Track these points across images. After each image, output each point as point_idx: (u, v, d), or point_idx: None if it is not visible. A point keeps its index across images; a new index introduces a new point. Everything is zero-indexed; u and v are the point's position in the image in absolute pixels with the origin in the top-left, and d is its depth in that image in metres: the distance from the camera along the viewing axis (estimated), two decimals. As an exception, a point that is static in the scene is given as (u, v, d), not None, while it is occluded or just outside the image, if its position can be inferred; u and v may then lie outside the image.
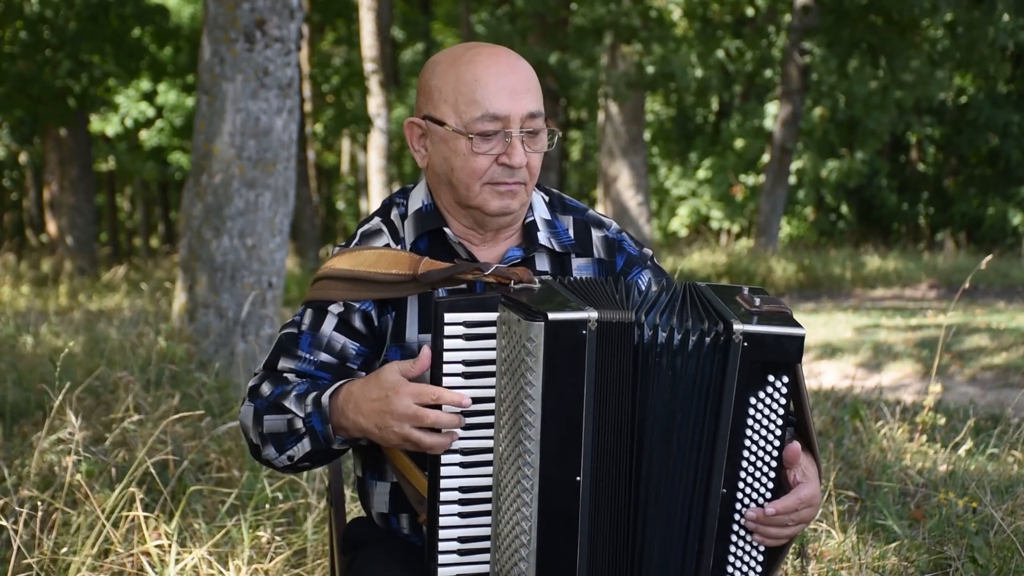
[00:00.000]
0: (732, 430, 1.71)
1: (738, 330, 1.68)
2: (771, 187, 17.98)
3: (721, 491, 1.73)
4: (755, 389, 1.71)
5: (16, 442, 4.26)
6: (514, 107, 1.88)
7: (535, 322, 1.65)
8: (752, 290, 1.81)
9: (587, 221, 2.08)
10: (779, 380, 1.71)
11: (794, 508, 1.76)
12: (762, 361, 1.70)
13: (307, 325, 1.96)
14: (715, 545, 1.75)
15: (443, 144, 1.92)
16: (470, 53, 1.92)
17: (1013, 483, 4.03)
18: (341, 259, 1.97)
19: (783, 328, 1.70)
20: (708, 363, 1.71)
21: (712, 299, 1.78)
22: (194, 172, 6.15)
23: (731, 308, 1.74)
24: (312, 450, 1.86)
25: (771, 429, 1.73)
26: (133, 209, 34.24)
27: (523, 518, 1.71)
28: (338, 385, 1.84)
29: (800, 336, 1.71)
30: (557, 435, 1.69)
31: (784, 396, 1.72)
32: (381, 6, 18.78)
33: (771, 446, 1.74)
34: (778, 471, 1.75)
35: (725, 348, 1.70)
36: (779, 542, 1.79)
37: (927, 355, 8.57)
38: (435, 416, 1.71)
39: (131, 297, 9.89)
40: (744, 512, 1.75)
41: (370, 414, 1.76)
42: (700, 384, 1.72)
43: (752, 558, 1.78)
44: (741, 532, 1.77)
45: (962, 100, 24.68)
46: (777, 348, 1.70)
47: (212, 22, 6.00)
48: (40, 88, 14.68)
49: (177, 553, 3.09)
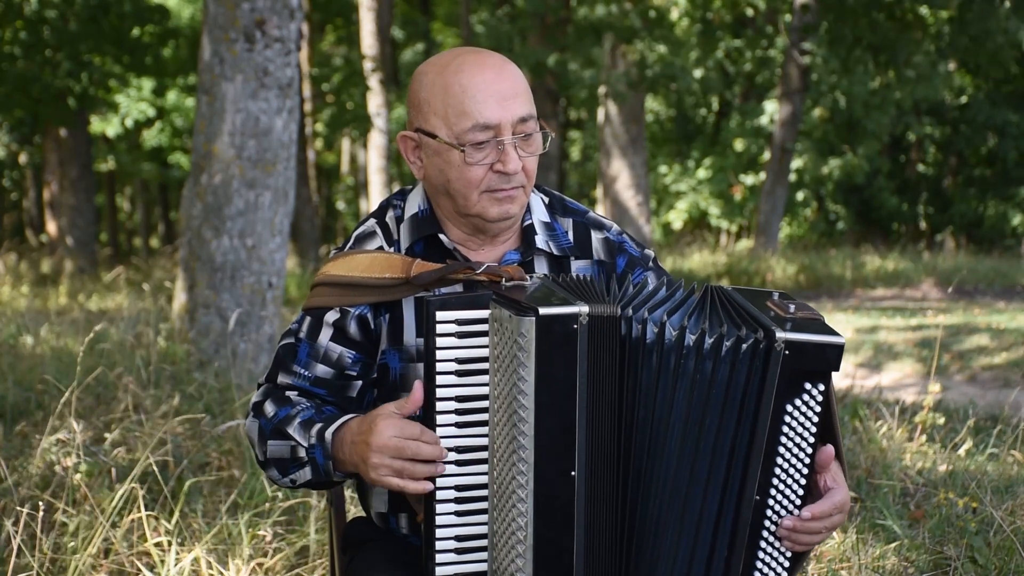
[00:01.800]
0: (768, 437, 1.71)
1: (780, 338, 1.68)
2: (771, 187, 17.98)
3: (755, 498, 1.73)
4: (792, 397, 1.70)
5: (16, 442, 4.26)
6: (504, 114, 1.86)
7: (526, 317, 1.66)
8: (782, 295, 1.80)
9: (587, 223, 2.07)
10: (815, 388, 1.71)
11: (829, 513, 1.76)
12: (802, 370, 1.69)
13: (304, 334, 1.98)
14: (745, 552, 1.75)
15: (437, 156, 1.92)
16: (456, 62, 1.90)
17: (1013, 483, 4.03)
18: (335, 264, 1.98)
19: (824, 337, 1.70)
20: (744, 369, 1.70)
21: (743, 304, 1.78)
22: (194, 172, 6.15)
23: (765, 314, 1.73)
24: (312, 479, 1.90)
25: (804, 437, 1.73)
26: (133, 209, 34.23)
27: (519, 514, 1.71)
28: (343, 421, 1.85)
29: (840, 345, 1.70)
30: (551, 430, 1.69)
31: (819, 404, 1.72)
32: (381, 6, 18.78)
33: (804, 453, 1.74)
34: (809, 478, 1.76)
35: (766, 356, 1.69)
36: (808, 548, 1.79)
37: (927, 355, 8.57)
38: (415, 447, 1.72)
39: (131, 297, 9.88)
40: (774, 519, 1.75)
41: (356, 447, 1.78)
42: (733, 390, 1.71)
43: (779, 564, 1.79)
44: (770, 538, 1.77)
45: (962, 100, 24.68)
46: (817, 356, 1.70)
47: (212, 22, 6.00)
48: (40, 88, 14.68)
49: (177, 552, 3.09)
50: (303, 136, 17.41)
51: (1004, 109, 23.93)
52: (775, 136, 18.04)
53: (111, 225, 27.21)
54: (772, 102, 20.84)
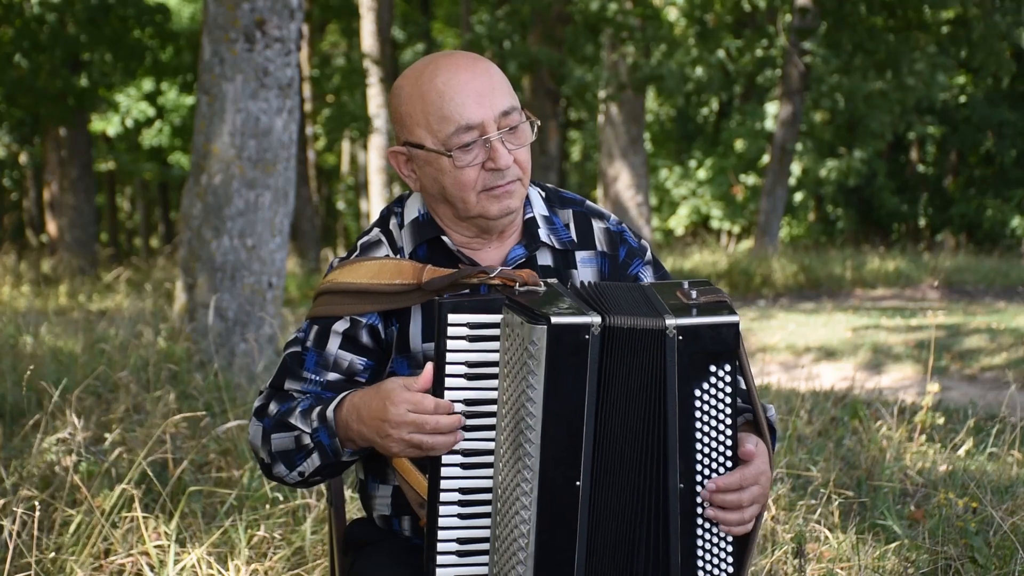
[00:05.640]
0: (681, 423, 1.72)
1: (670, 324, 1.70)
2: (771, 187, 17.98)
3: (679, 486, 1.73)
4: (699, 381, 1.72)
5: (16, 442, 4.26)
6: (485, 111, 1.86)
7: (538, 325, 1.65)
8: (692, 283, 1.81)
9: (587, 213, 2.07)
10: (721, 369, 1.72)
11: (738, 485, 1.75)
12: (701, 352, 1.71)
13: (312, 342, 1.95)
14: (681, 540, 1.75)
15: (428, 166, 1.91)
16: (429, 69, 1.89)
17: (1013, 483, 4.03)
18: (342, 272, 1.96)
19: (716, 318, 1.72)
20: (650, 361, 1.72)
21: (651, 296, 1.79)
22: (194, 172, 6.15)
23: (669, 304, 1.75)
24: (322, 464, 1.88)
25: (720, 419, 1.74)
26: (133, 209, 34.24)
27: (522, 521, 1.71)
28: (341, 398, 1.84)
29: (734, 323, 1.72)
30: (558, 439, 1.69)
31: (729, 384, 1.73)
32: (381, 6, 18.78)
33: (723, 436, 1.74)
34: (734, 459, 1.76)
35: (661, 344, 1.70)
36: (742, 528, 1.78)
37: (927, 356, 8.57)
38: (435, 421, 1.72)
39: (131, 297, 9.88)
40: (705, 504, 1.76)
41: (371, 423, 1.77)
42: (646, 382, 1.72)
43: (721, 549, 1.78)
44: (706, 524, 1.77)
45: (961, 99, 24.67)
46: (714, 338, 1.71)
47: (212, 22, 6.00)
48: (40, 88, 14.68)
49: (176, 553, 3.09)
50: (303, 136, 17.41)
51: (1000, 108, 23.93)
52: (775, 136, 18.04)
53: (111, 225, 27.23)
54: (773, 103, 20.84)
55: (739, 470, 1.76)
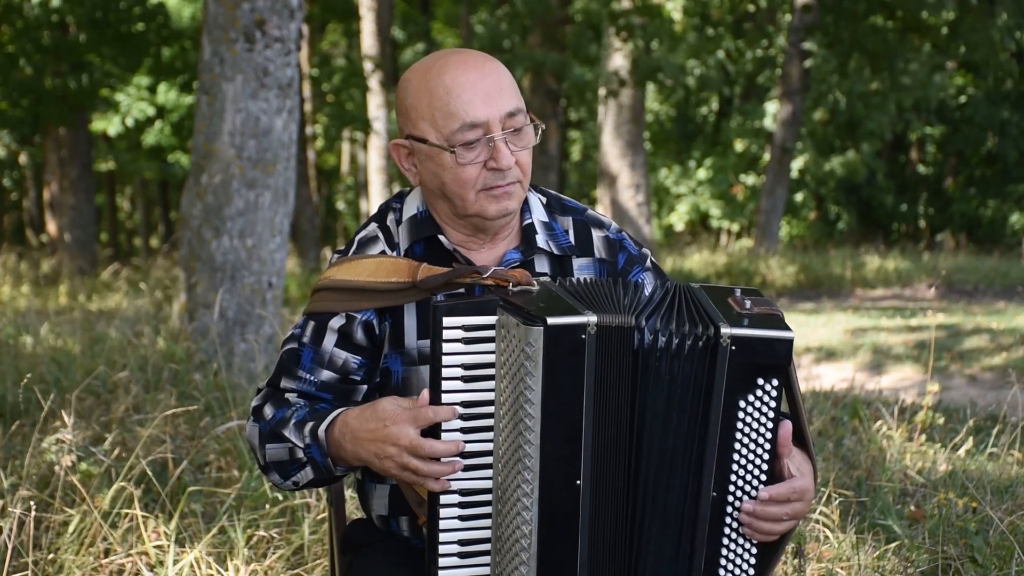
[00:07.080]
0: (722, 433, 1.71)
1: (725, 334, 1.68)
2: (771, 187, 17.98)
3: (711, 494, 1.73)
4: (745, 392, 1.71)
5: (15, 442, 4.26)
6: (491, 110, 1.86)
7: (534, 327, 1.65)
8: (744, 291, 1.80)
9: (587, 221, 2.07)
10: (769, 383, 1.71)
11: (786, 497, 1.75)
12: (751, 364, 1.70)
13: (308, 339, 1.97)
14: (706, 547, 1.75)
15: (430, 160, 1.91)
16: (438, 65, 1.90)
17: (1013, 483, 4.03)
18: (339, 269, 1.96)
19: (772, 331, 1.70)
20: (700, 366, 1.71)
21: (703, 301, 1.78)
22: (194, 172, 6.14)
23: (721, 311, 1.73)
24: (315, 477, 1.90)
25: (761, 432, 1.73)
26: (133, 209, 34.22)
27: (523, 521, 1.71)
28: (333, 417, 1.84)
29: (789, 339, 1.70)
30: (557, 439, 1.68)
31: (775, 399, 1.72)
32: (381, 6, 18.77)
33: (761, 448, 1.74)
34: (770, 473, 1.75)
35: (713, 351, 1.69)
36: (771, 537, 1.78)
37: (927, 356, 8.56)
38: (431, 446, 1.72)
39: (131, 297, 9.89)
40: (734, 515, 1.75)
41: (368, 444, 1.77)
42: (694, 388, 1.71)
43: (744, 560, 1.78)
44: (732, 535, 1.76)
45: (961, 99, 24.67)
46: (766, 351, 1.70)
47: (212, 22, 5.99)
48: (40, 88, 14.67)
49: (175, 553, 3.09)
50: (303, 136, 17.40)
51: (1001, 108, 23.92)
52: (775, 136, 18.04)
53: (111, 225, 27.21)
54: (773, 102, 20.84)
55: (789, 482, 1.76)
